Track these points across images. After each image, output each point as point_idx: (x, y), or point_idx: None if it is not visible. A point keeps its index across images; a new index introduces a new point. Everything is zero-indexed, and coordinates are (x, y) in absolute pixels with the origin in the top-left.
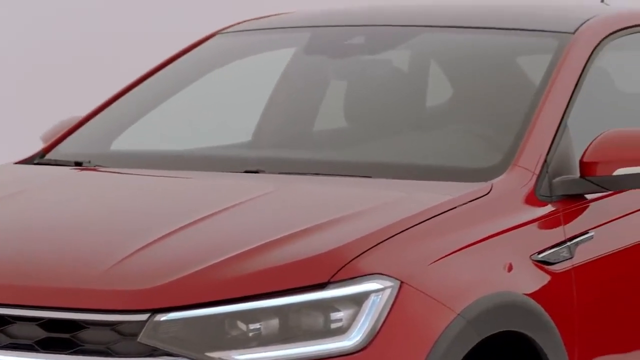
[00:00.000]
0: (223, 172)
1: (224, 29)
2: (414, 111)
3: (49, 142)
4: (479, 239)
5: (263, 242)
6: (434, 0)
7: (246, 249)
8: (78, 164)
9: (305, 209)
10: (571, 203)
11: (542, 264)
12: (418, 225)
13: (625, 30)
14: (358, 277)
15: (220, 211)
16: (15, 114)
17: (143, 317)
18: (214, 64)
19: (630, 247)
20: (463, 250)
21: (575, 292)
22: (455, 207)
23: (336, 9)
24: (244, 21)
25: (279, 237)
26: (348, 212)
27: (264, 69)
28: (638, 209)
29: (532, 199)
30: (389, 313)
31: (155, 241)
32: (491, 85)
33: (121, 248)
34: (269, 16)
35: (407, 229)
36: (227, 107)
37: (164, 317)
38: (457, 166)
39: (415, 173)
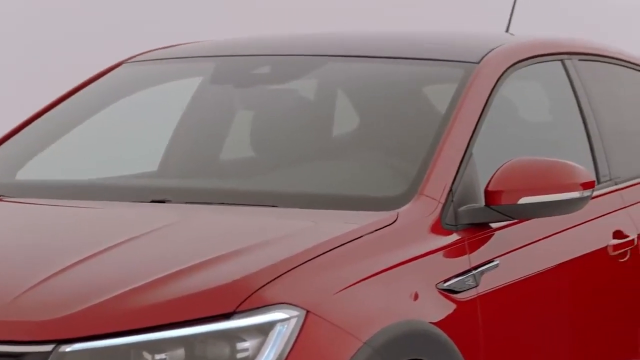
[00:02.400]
0: (129, 201)
1: (129, 58)
2: (321, 140)
3: None
4: (384, 267)
5: (169, 272)
6: (341, 30)
7: (152, 279)
8: None
9: (212, 239)
10: (476, 231)
11: (448, 292)
12: (324, 255)
13: (529, 60)
14: (264, 306)
15: (126, 241)
16: None
17: (48, 347)
18: (120, 93)
19: (535, 275)
20: (369, 279)
21: (480, 320)
22: (361, 236)
23: (241, 38)
24: (150, 50)
25: (185, 267)
26: (254, 242)
27: (171, 99)
28: (542, 237)
29: (438, 228)
30: (295, 342)
31: (60, 271)
32: (397, 115)
33: (26, 278)
34: (174, 45)
35: (313, 259)
36: (133, 137)
37: (69, 348)
38: (363, 195)
39: (322, 202)
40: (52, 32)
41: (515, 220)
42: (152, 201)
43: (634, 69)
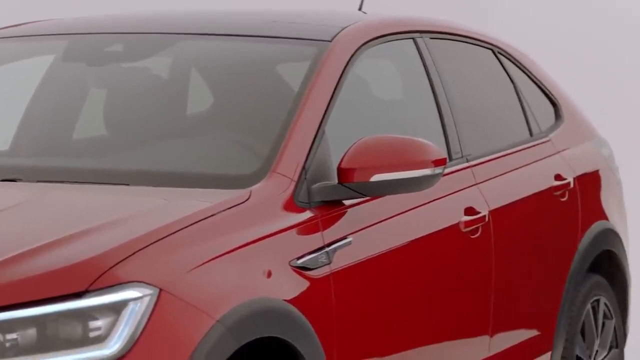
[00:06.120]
0: None
1: None
2: (174, 119)
3: None
4: (238, 245)
5: (20, 251)
6: (194, 8)
7: (2, 258)
8: None
9: (63, 218)
10: (330, 209)
11: (301, 269)
12: (177, 233)
13: (381, 38)
14: (116, 285)
15: None
16: None
17: None
18: None
19: (387, 252)
20: (222, 257)
21: (333, 297)
22: (214, 214)
23: (94, 16)
24: (2, 28)
25: (36, 246)
26: (106, 220)
27: (22, 77)
28: (395, 214)
29: (291, 206)
30: (148, 321)
31: None
32: (251, 93)
33: None
34: (26, 23)
35: (165, 237)
36: None
37: None
38: (217, 173)
39: (175, 180)
40: None
41: (369, 198)
42: (3, 180)
43: (483, 47)
